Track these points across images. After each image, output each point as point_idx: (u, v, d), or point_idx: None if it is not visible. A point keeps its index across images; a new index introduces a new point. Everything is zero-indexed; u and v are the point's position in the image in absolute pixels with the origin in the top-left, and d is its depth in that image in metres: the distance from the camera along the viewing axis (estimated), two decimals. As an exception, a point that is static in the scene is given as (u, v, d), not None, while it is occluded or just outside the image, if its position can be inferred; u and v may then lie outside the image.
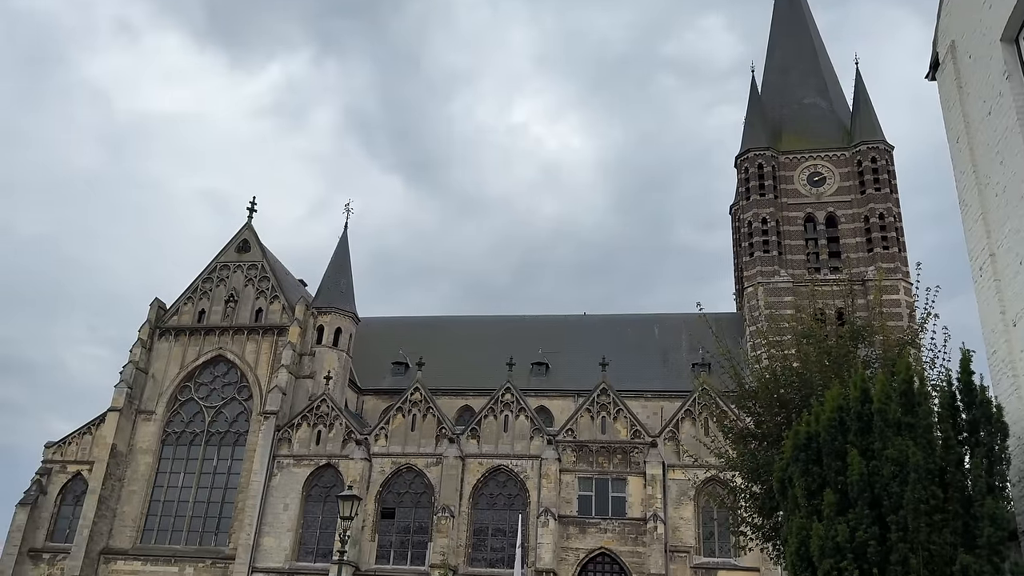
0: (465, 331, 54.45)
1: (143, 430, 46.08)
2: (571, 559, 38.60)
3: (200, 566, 42.25)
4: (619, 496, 39.69)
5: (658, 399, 46.54)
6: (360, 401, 51.13)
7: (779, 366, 12.87)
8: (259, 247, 51.16)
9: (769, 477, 10.62)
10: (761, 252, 49.20)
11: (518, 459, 41.27)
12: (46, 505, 45.12)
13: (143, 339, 47.96)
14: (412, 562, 40.44)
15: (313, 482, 43.07)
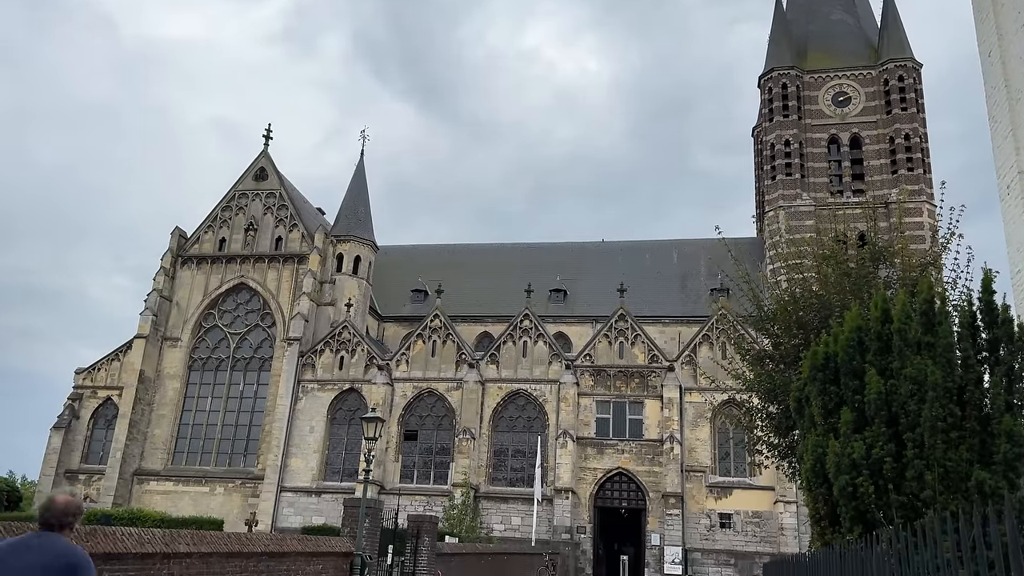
0: (483, 259, 54.56)
1: (170, 356, 47.12)
2: (589, 478, 39.58)
3: (230, 486, 43.80)
4: (636, 419, 40.35)
5: (676, 324, 46.72)
6: (381, 328, 51.80)
7: (798, 289, 12.83)
8: (276, 175, 51.08)
9: (786, 397, 10.74)
10: (783, 175, 48.46)
11: (537, 383, 41.91)
12: (79, 429, 46.65)
13: (165, 268, 48.55)
14: (435, 481, 41.66)
15: (337, 406, 44.12)
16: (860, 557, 5.27)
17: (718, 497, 38.32)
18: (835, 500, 8.30)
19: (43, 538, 4.28)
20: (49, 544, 4.23)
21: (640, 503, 39.23)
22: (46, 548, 4.21)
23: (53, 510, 4.34)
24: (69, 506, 4.39)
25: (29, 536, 4.34)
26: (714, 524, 37.91)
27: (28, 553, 4.17)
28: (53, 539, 4.27)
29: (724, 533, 37.72)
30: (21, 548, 4.22)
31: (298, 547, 13.46)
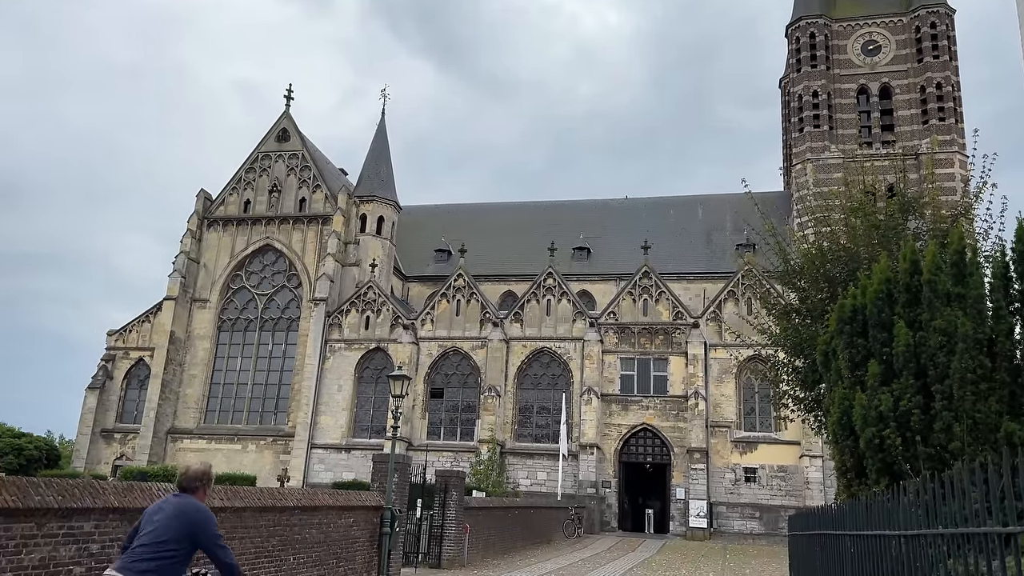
0: (506, 217, 54.43)
1: (199, 317, 47.86)
2: (614, 434, 39.89)
3: (262, 443, 44.76)
4: (661, 375, 40.43)
5: (701, 281, 46.49)
6: (405, 288, 52.11)
7: (826, 242, 12.66)
8: (298, 136, 51.08)
9: (812, 351, 10.68)
10: (811, 127, 47.56)
11: (561, 341, 42.06)
12: (113, 389, 47.75)
13: (192, 230, 49.02)
14: (461, 438, 42.23)
15: (364, 364, 44.68)
16: (887, 508, 5.28)
17: (743, 452, 38.48)
18: (861, 452, 8.30)
19: (179, 497, 5.57)
20: (181, 502, 5.51)
21: (665, 458, 39.52)
22: (179, 505, 5.48)
23: (188, 475, 5.69)
24: (198, 473, 5.72)
25: (169, 496, 5.61)
26: (739, 478, 38.14)
27: (166, 507, 5.46)
28: (184, 498, 5.56)
29: (749, 487, 37.96)
30: (168, 500, 5.55)
31: (329, 501, 13.77)
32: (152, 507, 5.61)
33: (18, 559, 7.10)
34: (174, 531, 5.33)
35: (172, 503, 5.49)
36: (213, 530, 5.47)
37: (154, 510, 5.52)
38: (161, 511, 5.44)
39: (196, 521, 5.39)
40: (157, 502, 5.67)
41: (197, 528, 5.39)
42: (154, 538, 5.30)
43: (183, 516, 5.39)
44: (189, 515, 5.39)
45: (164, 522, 5.35)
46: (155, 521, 5.37)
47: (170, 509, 5.42)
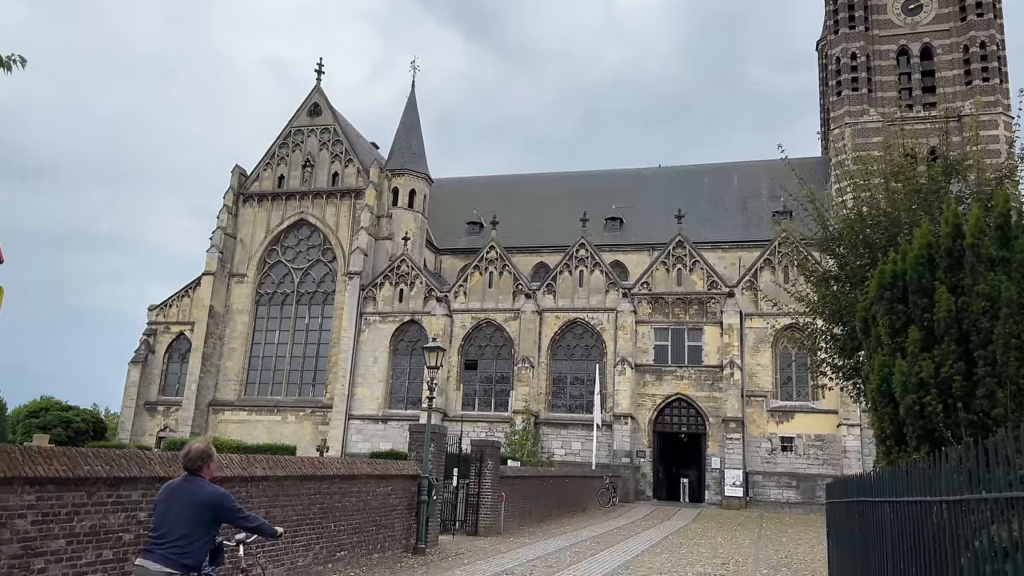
0: (537, 189, 54.19)
1: (237, 292, 48.62)
2: (648, 404, 39.87)
3: (301, 414, 45.58)
4: (695, 345, 40.21)
5: (736, 249, 45.96)
6: (438, 260, 52.31)
7: (865, 207, 12.39)
8: (330, 110, 51.22)
9: (851, 318, 10.51)
10: (849, 90, 46.44)
11: (594, 312, 41.97)
12: (155, 363, 48.86)
13: (228, 206, 49.63)
14: (495, 409, 42.55)
15: (399, 337, 45.10)
16: (928, 475, 5.22)
17: (780, 421, 38.24)
18: (901, 420, 8.18)
19: (189, 481, 5.74)
20: (194, 488, 5.70)
21: (700, 428, 39.44)
22: (193, 492, 5.67)
23: (190, 456, 5.82)
24: (200, 453, 5.82)
25: (178, 481, 5.81)
26: (775, 447, 37.96)
27: (185, 490, 5.69)
28: (195, 483, 5.73)
29: (786, 456, 37.77)
30: (180, 486, 5.74)
31: (368, 470, 14.01)
32: (169, 487, 5.83)
33: (70, 526, 7.35)
34: (198, 518, 5.62)
35: (185, 490, 5.70)
36: (232, 505, 5.78)
37: (169, 496, 5.73)
38: (176, 499, 5.67)
39: (214, 504, 5.69)
40: (172, 482, 5.88)
41: (218, 511, 5.71)
42: (181, 527, 5.58)
43: (203, 505, 5.65)
44: (207, 503, 5.66)
45: (186, 511, 5.60)
46: (175, 510, 5.61)
47: (185, 498, 5.65)
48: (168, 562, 5.47)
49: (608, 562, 14.80)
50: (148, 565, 5.48)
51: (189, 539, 5.54)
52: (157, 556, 5.49)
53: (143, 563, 5.53)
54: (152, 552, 5.54)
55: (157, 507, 5.75)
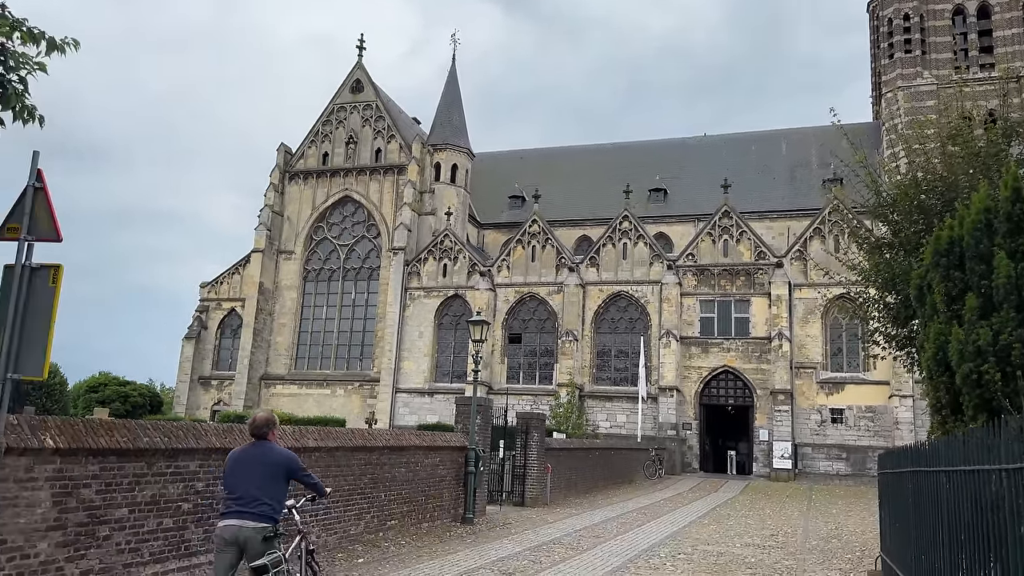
0: (579, 161, 53.76)
1: (285, 268, 49.47)
2: (694, 377, 39.60)
3: (349, 388, 46.40)
4: (742, 317, 39.72)
5: (784, 219, 45.10)
6: (481, 235, 52.41)
7: (920, 172, 12.00)
8: (372, 86, 51.39)
9: (905, 286, 10.24)
10: (902, 53, 44.92)
11: (638, 285, 41.69)
12: (208, 338, 50.12)
13: (275, 183, 50.36)
14: (540, 382, 42.72)
15: (443, 311, 45.46)
16: (986, 443, 5.10)
17: (829, 393, 37.68)
18: (958, 389, 7.99)
19: (259, 445, 6.40)
20: (265, 450, 6.36)
21: (747, 400, 39.08)
22: (265, 453, 6.34)
23: (256, 424, 6.48)
24: (264, 420, 6.50)
25: (247, 447, 6.44)
26: (825, 419, 37.46)
27: (256, 453, 6.31)
28: (265, 445, 6.41)
29: (836, 428, 37.25)
30: (251, 450, 6.38)
31: (416, 442, 14.22)
32: (235, 455, 6.43)
33: (131, 495, 7.62)
34: (273, 476, 6.27)
35: (256, 453, 6.33)
36: (300, 464, 6.45)
37: (238, 462, 6.32)
38: (248, 462, 6.27)
39: (287, 463, 6.35)
40: (237, 450, 6.51)
41: (289, 468, 6.37)
42: (261, 486, 6.19)
43: (277, 464, 6.31)
44: (279, 462, 6.33)
45: (262, 471, 6.22)
46: (249, 472, 6.21)
47: (258, 460, 6.27)
48: (257, 518, 6.06)
49: (655, 533, 14.84)
50: (238, 523, 6.06)
51: (269, 495, 6.17)
52: (245, 515, 6.07)
53: (232, 523, 6.08)
54: (238, 512, 6.09)
55: (228, 473, 6.31)
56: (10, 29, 5.53)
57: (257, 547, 6.06)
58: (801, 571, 10.96)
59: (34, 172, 6.14)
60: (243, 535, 6.05)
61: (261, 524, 6.08)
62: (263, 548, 6.09)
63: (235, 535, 6.06)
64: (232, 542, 6.07)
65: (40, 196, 6.13)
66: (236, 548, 6.08)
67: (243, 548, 6.08)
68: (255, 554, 6.03)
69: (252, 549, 6.05)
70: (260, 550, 6.06)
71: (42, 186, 6.15)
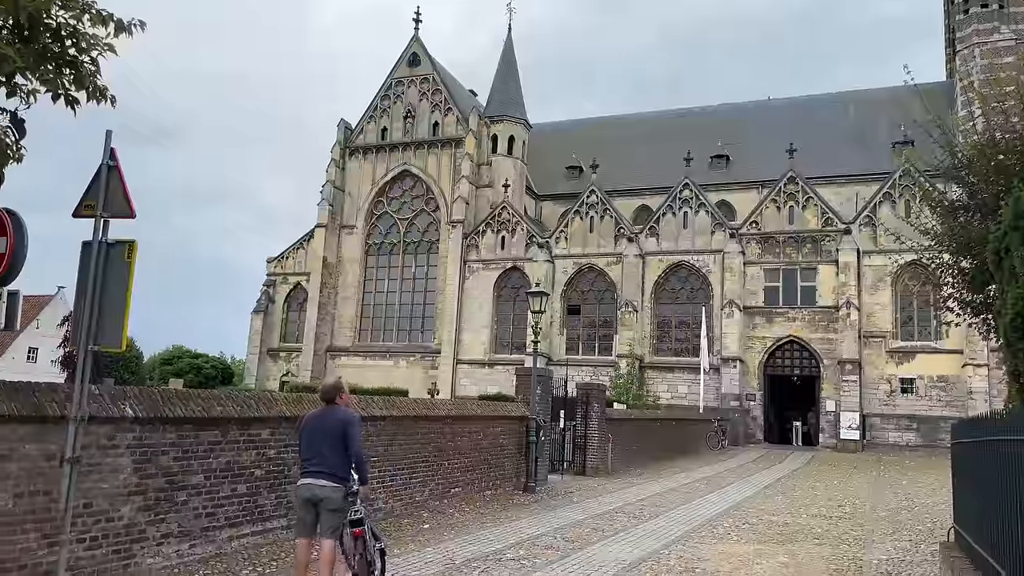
0: (637, 130, 52.94)
1: (348, 243, 50.32)
2: (757, 347, 38.95)
3: (412, 359, 47.16)
4: (808, 285, 38.78)
5: (852, 184, 43.71)
6: (538, 207, 52.27)
7: (999, 131, 11.42)
8: (428, 59, 51.43)
9: (981, 250, 9.81)
10: (978, 7, 42.75)
11: (699, 254, 41.05)
12: (275, 312, 51.52)
13: (336, 160, 51.08)
14: (599, 353, 42.64)
15: (502, 283, 45.64)
16: (1070, 411, 4.89)
17: (899, 362, 36.63)
18: (1038, 356, 7.66)
19: (330, 408, 6.75)
20: (336, 411, 6.72)
21: (814, 370, 38.29)
22: (335, 413, 6.69)
23: (325, 389, 6.88)
24: (331, 386, 6.86)
25: (320, 410, 6.80)
26: (895, 389, 36.47)
27: (325, 416, 6.68)
28: (333, 408, 6.75)
29: (905, 398, 36.25)
30: (321, 414, 6.74)
31: (478, 411, 14.40)
32: (310, 418, 6.81)
33: (207, 462, 7.93)
34: (339, 438, 6.55)
35: (326, 416, 6.68)
36: (356, 428, 6.69)
37: (311, 426, 6.69)
38: (319, 425, 6.63)
39: (345, 421, 6.63)
40: (312, 413, 6.89)
41: (345, 426, 6.60)
42: (330, 447, 6.53)
43: (338, 423, 6.60)
44: (341, 419, 6.63)
45: (331, 432, 6.55)
46: (321, 435, 6.55)
47: (328, 422, 6.61)
48: (328, 476, 6.44)
49: (719, 503, 14.75)
50: (312, 481, 6.46)
51: (337, 454, 6.51)
52: (317, 474, 6.45)
53: (307, 481, 6.49)
54: (312, 472, 6.48)
55: (303, 437, 6.72)
56: (80, 11, 5.69)
57: (337, 503, 6.46)
58: (869, 542, 10.76)
59: (107, 151, 6.35)
60: (320, 493, 6.44)
61: (332, 483, 6.44)
62: (343, 504, 6.52)
63: (313, 493, 6.46)
64: (309, 499, 6.48)
65: (114, 174, 6.34)
66: (314, 504, 6.48)
67: (321, 504, 6.45)
68: (336, 509, 6.45)
69: (330, 505, 6.44)
70: (341, 505, 6.49)
71: (115, 164, 6.35)
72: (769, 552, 9.77)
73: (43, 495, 6.22)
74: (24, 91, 5.77)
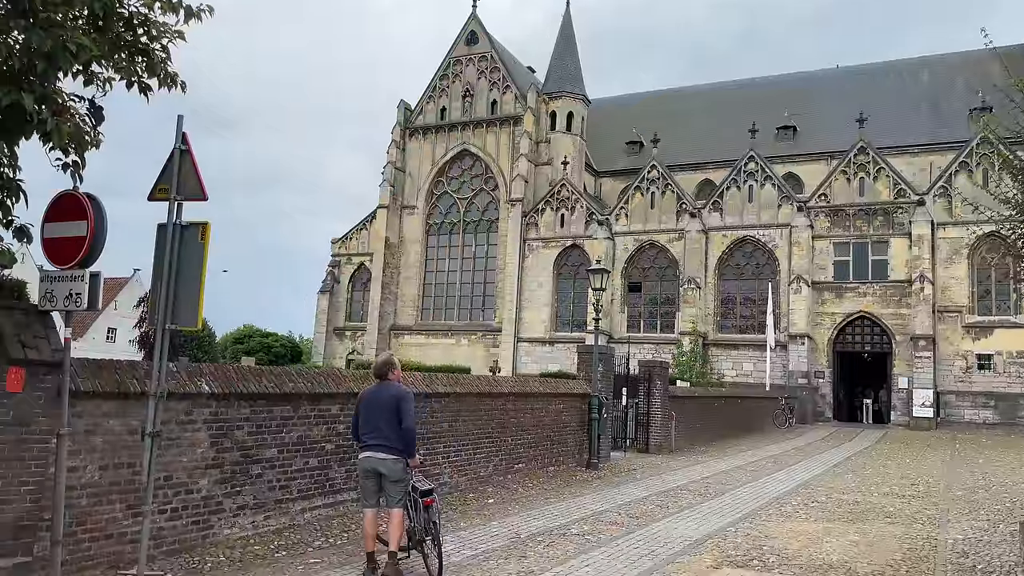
0: (699, 102, 51.89)
1: (409, 223, 50.87)
2: (827, 323, 38.00)
3: (473, 338, 47.56)
4: (880, 259, 37.56)
5: (926, 153, 42.05)
6: (597, 183, 51.83)
7: (1088, 93, 10.77)
8: (486, 37, 51.29)
9: (1067, 220, 9.35)
10: (1066, -39, 40.24)
11: (765, 229, 40.14)
12: (340, 292, 52.59)
13: (396, 140, 51.55)
14: (661, 330, 42.23)
15: (562, 261, 45.52)
16: None
17: (976, 338, 35.27)
18: None
19: (383, 383, 7.04)
20: (391, 387, 6.99)
21: (885, 346, 37.19)
22: (389, 388, 6.97)
23: (379, 366, 7.17)
24: (383, 363, 7.15)
25: (376, 386, 7.07)
26: (971, 366, 35.16)
27: (380, 391, 6.96)
28: (387, 383, 7.03)
29: (982, 375, 34.91)
30: (376, 389, 7.03)
31: (540, 389, 14.45)
32: (366, 394, 7.12)
33: (280, 437, 8.18)
34: (394, 411, 6.82)
35: (381, 392, 6.95)
36: (410, 403, 6.92)
37: (368, 401, 6.98)
38: (375, 401, 6.92)
39: (398, 396, 6.89)
40: (368, 389, 7.18)
41: (399, 400, 6.85)
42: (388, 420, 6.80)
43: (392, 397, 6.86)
44: (394, 394, 6.90)
45: (386, 406, 6.83)
46: (378, 409, 6.84)
47: (383, 397, 6.89)
48: (387, 450, 6.74)
49: (786, 481, 14.51)
50: (372, 454, 6.79)
51: (392, 428, 6.77)
52: (376, 447, 6.77)
53: (368, 455, 6.82)
54: (371, 446, 6.80)
55: (362, 412, 7.02)
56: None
57: (398, 474, 6.76)
58: (944, 521, 10.45)
59: (179, 135, 6.54)
60: (381, 466, 6.74)
61: (392, 456, 6.74)
62: (404, 475, 6.80)
63: (373, 466, 6.78)
64: (371, 471, 6.80)
65: (186, 158, 6.53)
66: (376, 476, 6.80)
67: (383, 476, 6.76)
68: (398, 480, 6.75)
69: (393, 476, 6.74)
70: (402, 476, 6.78)
71: (187, 148, 6.54)
72: (839, 530, 9.59)
73: (126, 468, 6.51)
74: (100, 79, 5.98)
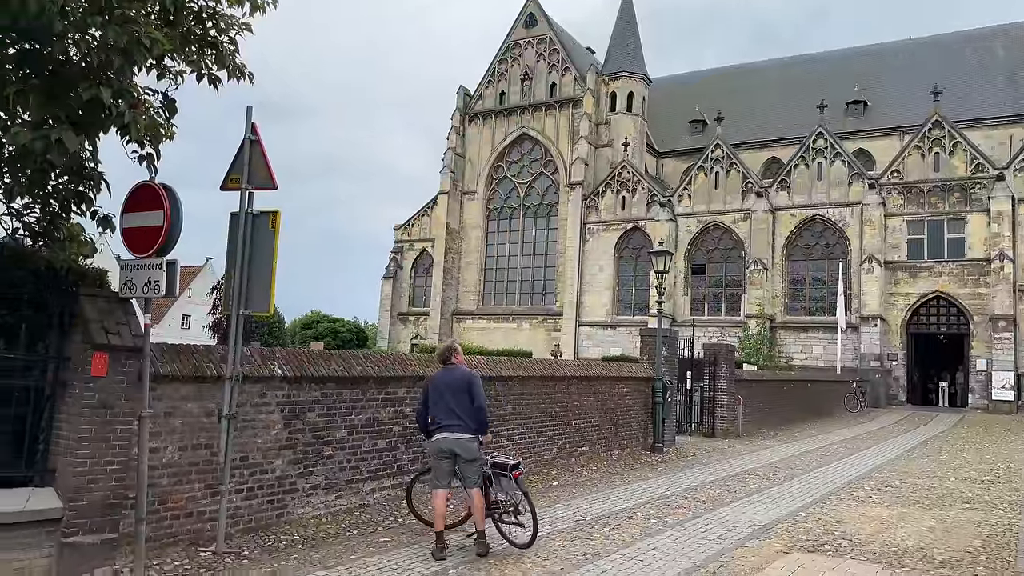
0: (765, 79, 50.60)
1: (469, 208, 51.11)
2: (900, 304, 36.77)
3: (534, 322, 47.64)
4: (956, 237, 36.09)
5: (1006, 126, 40.23)
6: (659, 164, 51.13)
7: None
8: (545, 18, 50.93)
9: None
10: None
11: (835, 207, 38.97)
12: (403, 278, 53.29)
13: (456, 126, 51.74)
14: (726, 313, 41.52)
15: (623, 244, 45.11)
16: None
17: (1062, 318, 33.64)
18: None
19: (448, 367, 7.26)
20: (458, 371, 7.22)
21: (962, 328, 35.80)
22: (456, 372, 7.20)
23: (442, 352, 7.45)
24: (446, 349, 7.44)
25: (442, 371, 7.27)
26: (1056, 347, 33.58)
27: (449, 374, 7.18)
28: (453, 367, 7.26)
29: (1069, 357, 33.30)
30: (444, 373, 7.23)
31: (603, 372, 14.40)
32: (435, 377, 7.31)
33: (349, 419, 8.37)
34: (463, 392, 7.05)
35: (447, 376, 7.18)
36: (478, 384, 7.18)
37: (435, 385, 7.19)
38: (442, 384, 7.13)
39: (470, 379, 7.15)
40: (437, 373, 7.36)
41: (470, 383, 7.12)
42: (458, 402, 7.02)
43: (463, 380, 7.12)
44: (466, 378, 7.15)
45: (455, 388, 7.06)
46: (447, 392, 7.05)
47: (451, 380, 7.12)
48: (461, 429, 6.95)
49: (858, 465, 14.15)
50: (447, 435, 6.97)
51: (462, 408, 6.99)
52: (450, 427, 6.96)
53: (443, 435, 6.98)
54: (445, 427, 6.97)
55: (430, 395, 7.18)
56: (219, -7, 5.99)
57: (473, 452, 6.97)
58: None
59: (249, 126, 6.70)
60: (456, 447, 6.93)
61: (467, 435, 6.95)
62: (478, 454, 7.02)
63: (449, 446, 6.95)
64: (447, 451, 6.97)
65: (256, 148, 6.69)
66: (451, 456, 6.97)
67: (459, 456, 6.95)
68: (473, 459, 6.96)
69: (468, 455, 6.94)
70: (476, 455, 6.99)
71: (257, 139, 6.70)
72: (914, 516, 9.31)
73: (204, 449, 6.76)
74: (172, 73, 6.17)
